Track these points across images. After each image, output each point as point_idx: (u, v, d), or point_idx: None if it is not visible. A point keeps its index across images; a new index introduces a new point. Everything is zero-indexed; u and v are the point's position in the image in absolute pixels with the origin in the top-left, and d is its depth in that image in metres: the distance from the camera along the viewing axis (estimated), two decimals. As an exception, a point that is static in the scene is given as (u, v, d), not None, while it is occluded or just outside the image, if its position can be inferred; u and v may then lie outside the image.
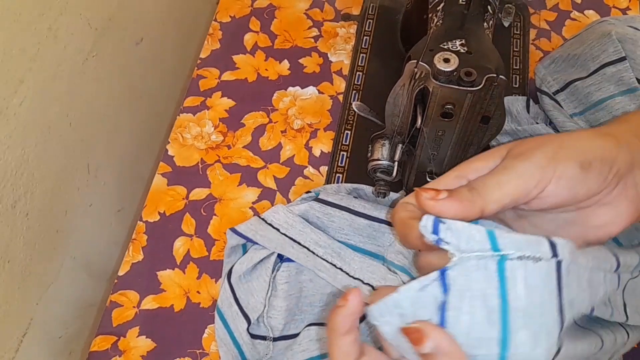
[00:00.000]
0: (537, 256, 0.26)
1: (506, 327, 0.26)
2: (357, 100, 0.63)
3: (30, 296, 0.52)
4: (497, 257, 0.26)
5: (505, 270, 0.26)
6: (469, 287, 0.26)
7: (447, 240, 0.27)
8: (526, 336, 0.26)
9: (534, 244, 0.26)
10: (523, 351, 0.26)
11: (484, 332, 0.26)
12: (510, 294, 0.26)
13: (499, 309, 0.26)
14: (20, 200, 0.49)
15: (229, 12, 0.72)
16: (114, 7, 0.60)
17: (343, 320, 0.29)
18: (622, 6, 0.72)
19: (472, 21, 0.49)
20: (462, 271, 0.26)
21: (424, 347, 0.27)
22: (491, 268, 0.26)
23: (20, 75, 0.46)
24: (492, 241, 0.26)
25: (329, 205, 0.51)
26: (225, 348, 0.50)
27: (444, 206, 0.29)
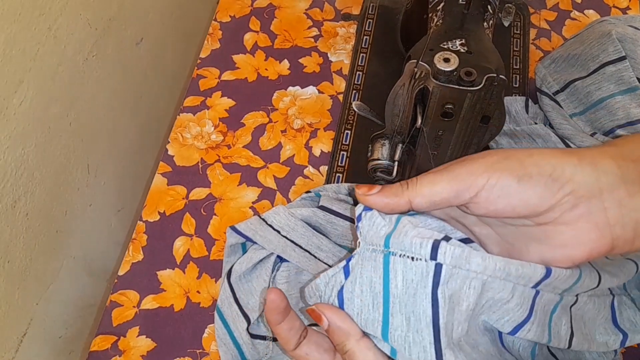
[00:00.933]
0: (415, 257, 0.30)
1: (387, 311, 0.30)
2: (357, 100, 0.63)
3: (30, 296, 0.52)
4: (385, 252, 0.31)
5: (390, 263, 0.30)
6: (362, 274, 0.31)
7: (361, 229, 0.32)
8: (400, 320, 0.30)
9: (417, 247, 0.30)
10: (400, 333, 0.30)
11: (370, 314, 0.31)
12: (391, 283, 0.30)
13: (381, 295, 0.31)
14: (20, 200, 0.49)
15: (229, 11, 0.72)
16: (114, 7, 0.60)
17: (271, 315, 0.33)
18: (622, 6, 0.72)
19: (472, 21, 0.49)
20: (359, 260, 0.31)
21: (322, 323, 0.32)
22: (379, 260, 0.31)
23: (20, 76, 0.46)
24: (387, 239, 0.31)
25: (332, 214, 0.51)
26: (225, 348, 0.50)
27: (372, 199, 0.32)
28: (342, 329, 0.31)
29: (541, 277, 0.31)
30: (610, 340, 0.42)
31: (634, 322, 0.44)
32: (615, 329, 0.42)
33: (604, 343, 0.41)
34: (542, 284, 0.32)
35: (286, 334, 0.34)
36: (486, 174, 0.30)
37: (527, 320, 0.34)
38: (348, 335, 0.31)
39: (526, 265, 0.31)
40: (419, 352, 0.30)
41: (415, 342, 0.30)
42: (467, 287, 0.30)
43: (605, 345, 0.41)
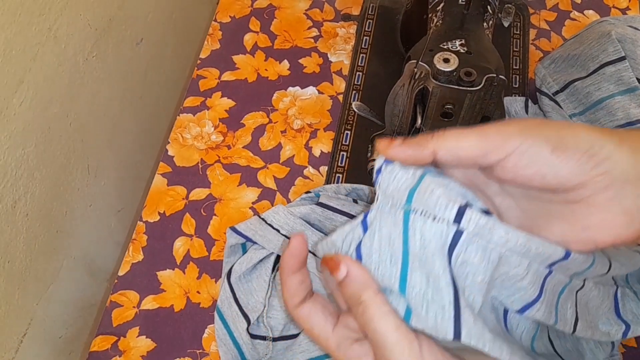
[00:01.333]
0: (437, 217, 0.29)
1: (405, 267, 0.30)
2: (357, 100, 0.63)
3: (30, 296, 0.52)
4: (406, 209, 0.30)
5: (410, 221, 0.29)
6: (381, 229, 0.30)
7: (380, 183, 0.31)
8: (420, 277, 0.29)
9: (441, 208, 0.29)
10: (418, 291, 0.29)
11: (388, 269, 0.30)
12: (410, 241, 0.29)
13: (400, 250, 0.30)
14: (20, 201, 0.49)
15: (229, 12, 0.72)
16: (114, 8, 0.60)
17: (289, 261, 0.32)
18: (622, 6, 0.72)
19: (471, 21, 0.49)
20: (378, 215, 0.30)
21: (339, 273, 0.30)
22: (399, 217, 0.30)
23: (20, 76, 0.46)
24: (410, 196, 0.30)
25: (330, 209, 0.51)
26: (225, 348, 0.50)
27: (394, 151, 0.31)
28: (360, 279, 0.30)
29: (559, 259, 0.31)
30: (613, 331, 0.41)
31: (636, 314, 0.44)
32: (618, 319, 0.42)
33: (606, 332, 0.41)
34: (556, 265, 0.32)
35: (296, 287, 0.32)
36: (519, 138, 0.29)
37: (537, 299, 0.33)
38: (366, 286, 0.30)
39: (547, 244, 0.30)
40: (436, 311, 0.29)
41: (434, 300, 0.29)
42: (487, 262, 0.29)
43: (607, 335, 0.41)
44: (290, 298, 0.32)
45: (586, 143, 0.28)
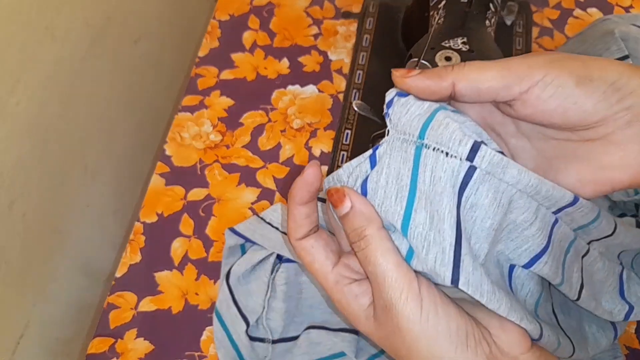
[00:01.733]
0: (450, 153, 0.28)
1: (411, 205, 0.29)
2: (357, 99, 0.62)
3: (27, 298, 0.52)
4: (418, 144, 0.28)
5: (421, 156, 0.28)
6: (389, 164, 0.29)
7: (391, 116, 0.30)
8: (424, 217, 0.28)
9: (455, 143, 0.28)
10: (421, 231, 0.28)
11: (392, 206, 0.29)
12: (419, 177, 0.28)
13: (407, 188, 0.29)
14: (17, 201, 0.48)
15: (228, 10, 0.72)
16: (112, 6, 0.59)
17: (300, 190, 0.31)
18: (625, 4, 0.71)
19: (474, 19, 0.49)
20: (387, 149, 0.29)
21: (343, 206, 0.30)
22: (410, 152, 0.29)
23: (17, 75, 0.46)
24: (423, 130, 0.28)
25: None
26: (224, 350, 0.49)
27: (411, 81, 0.29)
28: (365, 213, 0.29)
29: (567, 203, 0.30)
30: (616, 310, 0.41)
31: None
32: (622, 300, 0.42)
33: (609, 311, 0.40)
34: (563, 212, 0.31)
35: (302, 219, 0.32)
36: (544, 69, 0.27)
37: (545, 250, 0.32)
38: (370, 221, 0.29)
39: (557, 187, 0.29)
40: (436, 253, 0.28)
41: (435, 242, 0.28)
42: (497, 205, 0.28)
43: (610, 314, 0.40)
44: (295, 229, 0.32)
45: (613, 75, 0.27)
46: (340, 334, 0.47)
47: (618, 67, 0.28)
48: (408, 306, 0.28)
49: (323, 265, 0.32)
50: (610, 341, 0.44)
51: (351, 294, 0.31)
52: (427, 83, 0.29)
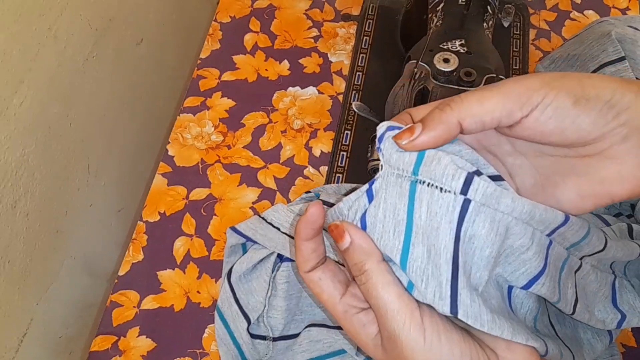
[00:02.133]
0: (444, 188, 0.28)
1: (408, 240, 0.29)
2: (357, 100, 0.63)
3: (30, 296, 0.52)
4: (412, 180, 0.29)
5: (416, 192, 0.29)
6: (386, 199, 0.30)
7: (384, 151, 0.30)
8: (422, 251, 0.29)
9: (448, 178, 0.28)
10: (419, 265, 0.29)
11: (390, 240, 0.30)
12: (415, 213, 0.29)
13: (404, 222, 0.29)
14: (20, 201, 0.49)
15: (229, 12, 0.72)
16: (114, 8, 0.60)
17: (305, 228, 0.32)
18: (622, 6, 0.72)
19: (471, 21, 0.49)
20: (383, 184, 0.30)
21: (343, 242, 0.30)
22: (405, 187, 0.29)
23: (20, 76, 0.46)
24: (416, 166, 0.29)
25: (330, 206, 0.51)
26: (225, 348, 0.50)
27: (422, 143, 0.29)
28: (364, 248, 0.30)
29: (559, 224, 0.31)
30: (608, 319, 0.42)
31: (632, 306, 0.44)
32: (614, 308, 0.42)
33: (601, 320, 0.41)
34: (556, 233, 0.32)
35: (308, 253, 0.32)
36: (543, 91, 0.27)
37: (542, 272, 0.32)
38: (369, 255, 0.30)
39: (549, 210, 0.30)
40: (435, 288, 0.28)
41: (433, 276, 0.28)
42: (494, 234, 0.29)
43: (602, 323, 0.41)
44: (303, 263, 0.33)
45: (608, 92, 0.27)
46: (341, 331, 0.48)
47: (612, 83, 0.28)
48: (411, 336, 0.29)
49: (331, 296, 0.32)
50: (606, 346, 0.45)
51: (359, 323, 0.32)
52: (436, 135, 0.29)
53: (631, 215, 0.52)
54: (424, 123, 0.29)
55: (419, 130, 0.29)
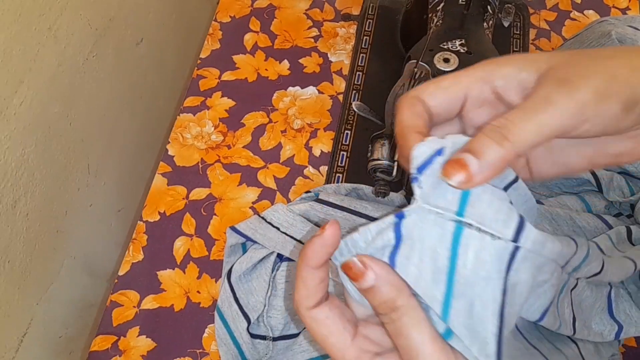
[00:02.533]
0: (496, 235, 0.25)
1: (450, 291, 0.26)
2: (357, 100, 0.63)
3: (30, 296, 0.52)
4: (457, 222, 0.25)
5: (461, 236, 0.25)
6: (422, 239, 0.26)
7: (421, 184, 0.26)
8: (464, 305, 0.26)
9: (500, 224, 0.25)
10: (462, 321, 0.26)
11: (429, 289, 0.26)
12: (459, 259, 0.25)
13: (446, 270, 0.26)
14: (20, 200, 0.49)
15: (229, 12, 0.72)
16: (114, 8, 0.60)
17: (317, 252, 0.27)
18: (622, 6, 0.72)
19: (471, 21, 0.49)
20: (418, 222, 0.26)
21: (366, 278, 0.26)
22: (448, 229, 0.25)
23: (20, 76, 0.46)
24: (461, 206, 0.25)
25: (329, 205, 0.51)
26: (225, 348, 0.50)
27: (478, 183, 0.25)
28: (394, 283, 0.26)
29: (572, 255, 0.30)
30: (606, 331, 0.42)
31: (629, 315, 0.44)
32: (611, 319, 0.42)
33: (599, 333, 0.41)
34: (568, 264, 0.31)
35: (315, 284, 0.28)
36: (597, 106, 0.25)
37: (552, 302, 0.32)
38: (399, 291, 0.26)
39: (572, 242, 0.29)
40: (479, 344, 0.26)
41: (477, 332, 0.26)
42: (533, 278, 0.27)
43: (600, 336, 0.41)
44: (306, 298, 0.28)
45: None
46: None
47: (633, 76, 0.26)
48: None
49: (340, 339, 0.28)
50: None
51: None
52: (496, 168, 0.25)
53: (631, 215, 0.52)
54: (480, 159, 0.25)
55: (475, 168, 0.25)
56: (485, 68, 0.28)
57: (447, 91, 0.28)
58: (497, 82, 0.27)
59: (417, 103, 0.28)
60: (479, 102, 0.28)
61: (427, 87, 0.29)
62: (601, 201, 0.52)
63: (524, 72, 0.27)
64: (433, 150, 0.26)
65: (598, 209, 0.52)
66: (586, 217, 0.50)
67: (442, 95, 0.28)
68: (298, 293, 0.28)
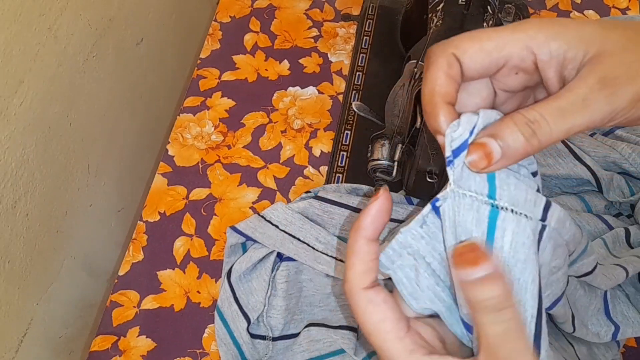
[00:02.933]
0: (529, 215, 0.25)
1: None
2: (357, 100, 0.63)
3: (30, 296, 0.52)
4: (492, 204, 0.25)
5: (497, 219, 0.25)
6: (458, 222, 0.26)
7: (455, 168, 0.26)
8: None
9: (530, 204, 0.25)
10: None
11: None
12: (496, 243, 0.25)
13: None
14: (20, 201, 0.49)
15: (229, 12, 0.72)
16: (114, 8, 0.60)
17: (374, 221, 0.26)
18: (622, 6, 0.72)
19: (471, 21, 0.49)
20: (454, 206, 0.26)
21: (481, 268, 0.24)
22: (483, 213, 0.25)
23: (20, 76, 0.46)
24: (491, 188, 0.25)
25: (328, 202, 0.51)
26: (225, 348, 0.50)
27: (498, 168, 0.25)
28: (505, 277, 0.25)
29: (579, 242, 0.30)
30: (602, 332, 0.42)
31: (626, 316, 0.44)
32: (608, 320, 0.43)
33: (596, 334, 0.41)
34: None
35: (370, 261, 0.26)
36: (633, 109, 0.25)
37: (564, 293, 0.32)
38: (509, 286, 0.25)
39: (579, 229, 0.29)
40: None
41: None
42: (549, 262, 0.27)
43: (597, 336, 0.42)
44: (362, 275, 0.26)
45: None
46: (340, 331, 0.48)
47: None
48: None
49: (397, 326, 0.26)
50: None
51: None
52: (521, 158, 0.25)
53: (631, 215, 0.52)
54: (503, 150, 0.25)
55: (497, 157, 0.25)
56: (533, 36, 0.26)
57: (490, 55, 0.26)
58: (542, 56, 0.26)
59: (454, 63, 0.26)
60: (517, 69, 0.27)
61: (468, 46, 0.26)
62: (601, 201, 0.52)
63: (571, 51, 0.26)
64: (467, 131, 0.26)
65: (598, 209, 0.52)
66: (586, 217, 0.50)
67: (484, 59, 0.26)
68: (353, 270, 0.26)
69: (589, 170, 0.51)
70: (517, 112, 0.25)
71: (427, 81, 0.27)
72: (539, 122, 0.24)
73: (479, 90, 0.28)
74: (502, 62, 0.26)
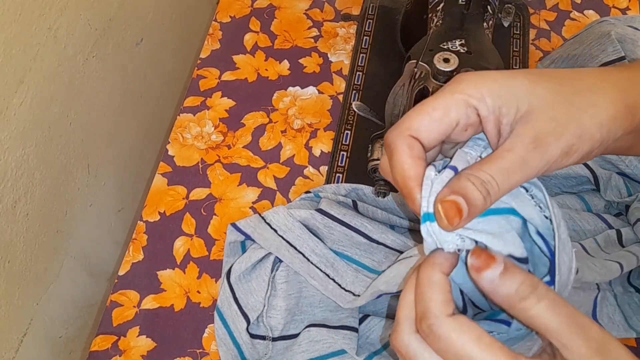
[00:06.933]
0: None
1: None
2: (357, 100, 0.63)
3: (30, 296, 0.52)
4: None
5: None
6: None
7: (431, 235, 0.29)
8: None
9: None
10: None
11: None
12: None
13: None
14: (20, 200, 0.49)
15: (229, 12, 0.72)
16: (114, 8, 0.60)
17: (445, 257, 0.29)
18: (622, 6, 0.72)
19: (471, 21, 0.49)
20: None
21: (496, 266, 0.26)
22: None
23: (20, 76, 0.46)
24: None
25: (330, 218, 0.50)
26: (225, 348, 0.50)
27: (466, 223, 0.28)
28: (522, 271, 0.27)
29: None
30: None
31: (612, 319, 0.44)
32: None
33: None
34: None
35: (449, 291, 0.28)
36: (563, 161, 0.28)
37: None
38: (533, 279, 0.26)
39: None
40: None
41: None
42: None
43: None
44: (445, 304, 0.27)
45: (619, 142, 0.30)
46: (341, 331, 0.48)
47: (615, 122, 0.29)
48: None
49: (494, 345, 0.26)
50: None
51: None
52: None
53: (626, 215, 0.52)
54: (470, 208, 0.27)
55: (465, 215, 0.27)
56: (471, 94, 0.29)
57: (441, 122, 0.29)
58: (482, 112, 0.29)
59: (414, 144, 0.29)
60: (466, 126, 0.30)
61: (418, 122, 0.29)
62: (601, 200, 0.52)
63: (504, 107, 0.29)
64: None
65: (598, 209, 0.52)
66: (586, 216, 0.50)
67: (438, 127, 0.29)
68: (433, 301, 0.27)
69: (587, 168, 0.52)
70: (471, 174, 0.28)
71: (396, 169, 0.29)
72: (490, 182, 0.28)
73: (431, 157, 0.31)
74: (454, 123, 0.29)
